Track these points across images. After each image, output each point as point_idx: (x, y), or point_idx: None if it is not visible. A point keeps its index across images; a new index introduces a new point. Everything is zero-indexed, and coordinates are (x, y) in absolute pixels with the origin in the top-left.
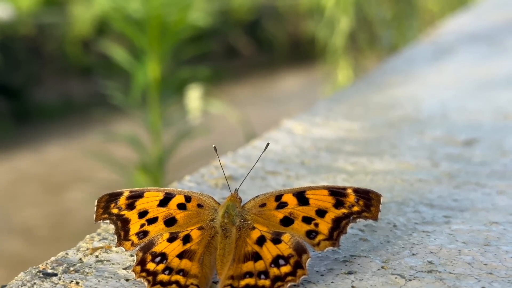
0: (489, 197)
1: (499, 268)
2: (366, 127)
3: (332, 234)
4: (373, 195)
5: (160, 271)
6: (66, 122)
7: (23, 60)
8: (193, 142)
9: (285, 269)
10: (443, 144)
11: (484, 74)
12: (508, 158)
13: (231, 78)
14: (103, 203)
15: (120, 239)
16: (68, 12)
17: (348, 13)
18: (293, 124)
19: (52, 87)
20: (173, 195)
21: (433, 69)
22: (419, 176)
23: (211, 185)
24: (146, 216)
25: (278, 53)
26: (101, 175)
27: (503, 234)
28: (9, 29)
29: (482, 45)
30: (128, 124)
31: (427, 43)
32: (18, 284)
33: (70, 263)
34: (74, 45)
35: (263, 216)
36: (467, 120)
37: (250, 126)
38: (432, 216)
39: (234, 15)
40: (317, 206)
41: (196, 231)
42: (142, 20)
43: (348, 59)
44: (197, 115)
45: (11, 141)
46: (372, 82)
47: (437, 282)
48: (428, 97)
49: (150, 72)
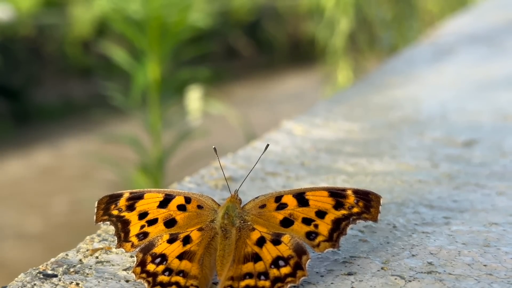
0: (489, 198)
1: (498, 269)
2: (366, 128)
3: (332, 235)
4: (373, 197)
5: (160, 272)
6: (66, 123)
7: (23, 61)
8: (193, 143)
9: (285, 270)
10: (443, 145)
11: (484, 75)
12: (507, 159)
13: (231, 79)
14: (103, 205)
15: (120, 241)
16: (68, 13)
17: (348, 14)
18: (293, 125)
19: (52, 88)
20: (173, 197)
21: (433, 70)
22: (419, 177)
23: (211, 186)
24: (146, 217)
25: (278, 54)
26: (101, 176)
27: (503, 235)
28: (9, 30)
29: (482, 46)
30: (128, 125)
31: (427, 44)
32: (18, 285)
33: (70, 264)
34: (74, 46)
35: (263, 217)
36: (467, 121)
37: (250, 127)
38: (432, 217)
39: (234, 16)
40: (317, 207)
41: (196, 232)
42: (142, 21)
43: (348, 60)
44: (197, 116)
45: (10, 142)
46: (372, 83)
47: (437, 283)
48: (428, 98)
49: (150, 73)
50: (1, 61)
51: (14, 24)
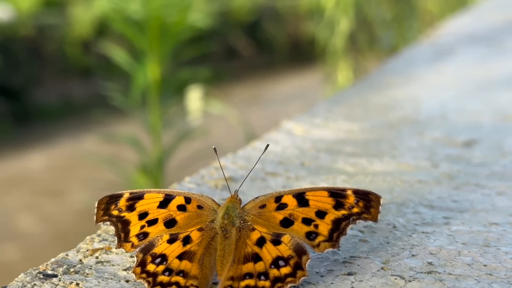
0: (489, 198)
1: (498, 269)
2: (366, 128)
3: (332, 236)
4: (373, 197)
5: (160, 272)
6: (66, 123)
7: (23, 61)
8: (193, 143)
9: (285, 270)
10: (443, 145)
11: (484, 75)
12: (507, 159)
13: (231, 79)
14: (103, 205)
15: (120, 241)
16: (68, 13)
17: (348, 14)
18: (293, 125)
19: (52, 88)
20: (173, 197)
21: (433, 70)
22: (419, 177)
23: (211, 186)
24: (146, 217)
25: (278, 54)
26: (101, 176)
27: (503, 235)
28: (9, 30)
29: (482, 46)
30: (128, 125)
31: (427, 44)
32: (19, 285)
33: (70, 264)
34: (74, 46)
35: (263, 217)
36: (467, 121)
37: (250, 127)
38: (432, 217)
39: (234, 16)
40: (317, 207)
41: (196, 232)
42: (142, 21)
43: (348, 60)
44: (197, 116)
45: (11, 142)
46: (372, 83)
47: (437, 283)
48: (428, 98)
49: (150, 73)
50: (1, 61)
51: (14, 24)
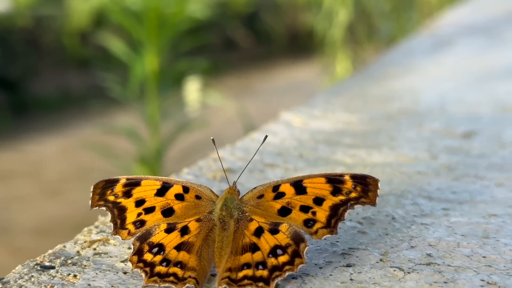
0: (488, 189)
1: (498, 260)
2: (365, 120)
3: (330, 222)
4: (371, 180)
5: (158, 262)
6: (64, 114)
7: (20, 52)
8: (191, 135)
9: (282, 258)
10: (442, 137)
11: (483, 66)
12: (507, 150)
13: (229, 70)
14: (99, 190)
15: (116, 228)
16: (66, 4)
17: (347, 5)
18: (292, 117)
19: (50, 79)
20: (171, 185)
21: (432, 61)
22: (418, 169)
23: (209, 177)
24: (143, 205)
25: (276, 45)
26: (99, 168)
27: (502, 227)
28: (7, 21)
29: (480, 37)
30: (126, 116)
31: (425, 35)
32: (16, 277)
33: (68, 256)
34: (72, 37)
35: (261, 207)
36: (466, 112)
37: (248, 118)
38: (431, 208)
39: (232, 7)
40: (315, 194)
41: (194, 223)
42: (140, 12)
43: (346, 51)
44: (195, 107)
45: (8, 133)
46: (371, 75)
47: (436, 274)
48: (427, 89)
49: (148, 64)
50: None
51: (11, 16)
